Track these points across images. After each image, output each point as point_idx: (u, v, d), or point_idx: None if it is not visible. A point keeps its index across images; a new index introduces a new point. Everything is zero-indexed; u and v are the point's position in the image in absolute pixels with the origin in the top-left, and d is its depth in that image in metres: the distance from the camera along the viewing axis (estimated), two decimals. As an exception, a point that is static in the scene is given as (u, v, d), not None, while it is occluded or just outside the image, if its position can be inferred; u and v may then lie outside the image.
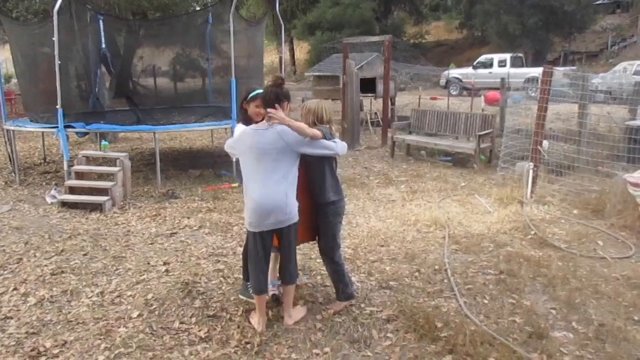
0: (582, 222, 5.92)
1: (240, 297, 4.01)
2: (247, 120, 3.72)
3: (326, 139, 3.54)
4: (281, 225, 3.46)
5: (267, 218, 3.41)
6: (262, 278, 3.60)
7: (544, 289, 4.25)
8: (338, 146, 3.57)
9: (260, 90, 3.67)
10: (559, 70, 11.07)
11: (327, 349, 3.38)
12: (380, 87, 12.95)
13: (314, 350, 3.38)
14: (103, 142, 7.94)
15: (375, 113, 14.29)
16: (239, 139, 3.57)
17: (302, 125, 3.45)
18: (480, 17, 27.65)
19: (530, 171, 6.79)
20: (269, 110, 3.37)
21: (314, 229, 3.82)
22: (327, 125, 3.71)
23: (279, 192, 3.40)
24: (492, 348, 3.32)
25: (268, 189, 3.39)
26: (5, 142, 9.23)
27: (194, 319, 3.81)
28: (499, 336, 3.46)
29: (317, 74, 14.59)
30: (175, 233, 5.86)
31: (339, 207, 3.80)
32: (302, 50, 35.27)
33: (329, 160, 3.69)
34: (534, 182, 6.80)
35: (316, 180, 3.65)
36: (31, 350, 3.44)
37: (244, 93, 3.81)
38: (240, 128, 3.72)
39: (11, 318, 3.90)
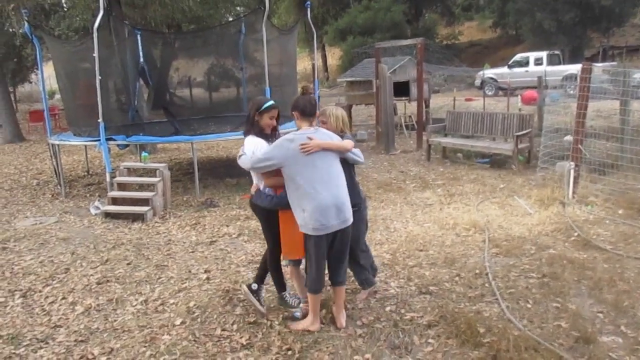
0: (628, 222, 5.73)
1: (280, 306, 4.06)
2: (261, 132, 3.72)
3: None
4: (347, 224, 3.55)
5: (336, 218, 3.47)
6: (323, 277, 3.67)
7: (590, 292, 4.13)
8: (363, 156, 3.93)
9: (272, 101, 3.73)
10: (598, 67, 10.78)
11: (368, 355, 3.37)
12: (414, 90, 12.86)
13: (355, 357, 3.37)
14: (143, 154, 8.15)
15: (410, 116, 14.19)
16: (281, 147, 3.47)
17: (343, 143, 3.65)
18: (513, 15, 27.19)
19: (572, 171, 6.62)
20: (302, 145, 3.42)
21: None
22: (349, 134, 3.90)
23: (344, 191, 3.56)
24: (537, 354, 3.25)
25: (336, 189, 3.50)
26: (51, 156, 9.56)
27: (235, 326, 3.86)
28: (544, 341, 3.38)
29: (349, 79, 14.58)
30: (215, 241, 5.96)
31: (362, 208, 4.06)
32: (334, 56, 35.38)
33: (353, 167, 3.91)
34: (575, 182, 6.63)
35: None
36: (80, 358, 3.55)
37: (255, 105, 3.74)
38: (255, 140, 3.66)
39: (61, 326, 4.04)
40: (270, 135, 3.79)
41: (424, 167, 9.49)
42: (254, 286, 4.01)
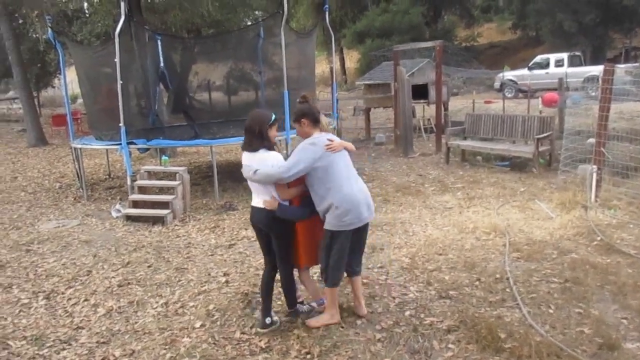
0: (653, 226, 5.63)
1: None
2: (271, 145, 3.69)
3: None
4: (372, 216, 3.77)
5: (367, 211, 3.68)
6: (344, 269, 3.78)
7: (614, 297, 4.06)
8: None
9: (274, 115, 3.72)
10: (621, 68, 10.61)
11: (387, 360, 3.36)
12: (432, 93, 12.78)
13: (375, 361, 3.36)
14: (163, 157, 8.24)
15: (429, 119, 14.12)
16: (308, 151, 3.53)
17: (352, 145, 3.86)
18: (534, 17, 26.90)
19: (594, 174, 6.51)
20: (329, 146, 3.59)
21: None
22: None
23: (365, 186, 3.81)
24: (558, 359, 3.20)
25: (362, 184, 3.76)
26: (73, 160, 9.71)
27: (254, 330, 3.88)
28: (566, 347, 3.33)
29: (367, 82, 14.56)
30: (234, 244, 5.99)
31: None
32: (352, 59, 35.35)
33: None
34: (598, 186, 6.52)
35: None
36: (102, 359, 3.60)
37: (265, 119, 3.66)
38: (272, 154, 3.64)
39: (83, 328, 4.10)
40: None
41: (442, 170, 9.42)
42: (268, 320, 3.84)
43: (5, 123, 22.43)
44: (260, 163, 3.60)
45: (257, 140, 3.64)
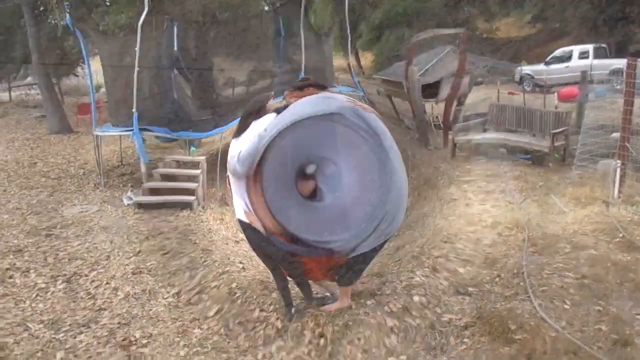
0: (677, 224, 5.49)
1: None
2: None
3: None
4: None
5: None
6: None
7: (631, 294, 3.98)
8: None
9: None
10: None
11: (403, 357, 3.38)
12: (444, 90, 12.25)
13: (390, 358, 3.38)
14: (192, 148, 8.29)
15: (437, 117, 13.61)
16: None
17: None
18: (558, 7, 26.39)
19: (618, 169, 6.36)
20: None
21: None
22: None
23: None
24: (575, 357, 3.19)
25: None
26: (95, 147, 9.81)
27: (271, 307, 4.01)
28: (577, 341, 3.31)
29: (383, 77, 14.49)
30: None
31: None
32: (366, 60, 35.13)
33: None
34: (621, 181, 6.38)
35: None
36: (123, 340, 3.73)
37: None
38: None
39: (105, 309, 4.23)
40: None
41: (449, 165, 9.21)
42: (293, 310, 3.91)
43: (23, 109, 22.49)
44: None
45: None
